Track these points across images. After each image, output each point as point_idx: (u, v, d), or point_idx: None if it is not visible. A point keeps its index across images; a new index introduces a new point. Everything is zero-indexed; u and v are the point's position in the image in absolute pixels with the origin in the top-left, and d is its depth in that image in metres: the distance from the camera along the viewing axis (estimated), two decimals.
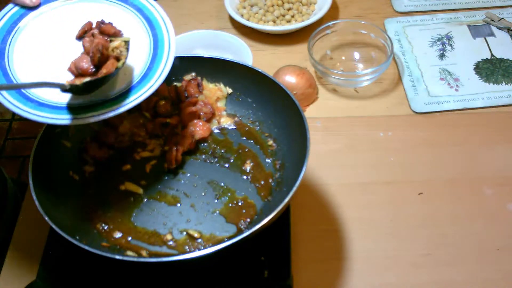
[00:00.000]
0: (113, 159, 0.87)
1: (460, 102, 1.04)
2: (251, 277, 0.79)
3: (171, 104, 0.89)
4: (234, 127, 0.90)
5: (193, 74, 0.92)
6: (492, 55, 1.12)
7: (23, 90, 0.74)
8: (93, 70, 0.73)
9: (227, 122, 0.90)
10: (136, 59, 0.78)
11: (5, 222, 0.99)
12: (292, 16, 1.20)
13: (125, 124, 0.89)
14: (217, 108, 0.91)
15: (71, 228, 0.74)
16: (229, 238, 0.76)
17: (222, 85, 0.91)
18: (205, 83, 0.91)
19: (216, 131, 0.90)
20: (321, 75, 1.09)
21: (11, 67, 0.76)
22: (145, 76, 0.76)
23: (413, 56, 1.13)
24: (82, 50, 0.76)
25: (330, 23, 1.11)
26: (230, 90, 0.91)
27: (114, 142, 0.88)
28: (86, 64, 0.73)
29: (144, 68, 0.77)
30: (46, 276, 0.81)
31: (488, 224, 0.88)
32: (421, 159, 0.97)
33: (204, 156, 0.87)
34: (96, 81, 0.71)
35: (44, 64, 0.77)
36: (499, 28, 1.17)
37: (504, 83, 1.07)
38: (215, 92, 0.91)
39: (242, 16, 1.19)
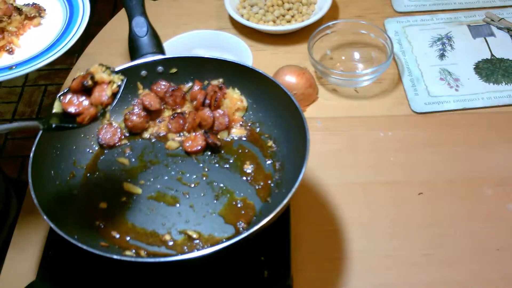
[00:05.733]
0: (113, 158, 0.87)
1: (460, 102, 1.04)
2: (251, 277, 0.79)
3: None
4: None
5: (221, 80, 0.91)
6: (492, 55, 1.12)
7: None
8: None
9: (237, 134, 0.89)
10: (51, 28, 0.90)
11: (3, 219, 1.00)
12: (292, 16, 1.20)
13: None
14: (234, 120, 0.90)
15: (70, 228, 0.74)
16: (228, 239, 0.75)
17: (243, 96, 0.91)
18: (229, 91, 0.90)
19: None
20: (321, 75, 1.09)
21: None
22: (55, 43, 0.87)
23: (413, 56, 1.13)
24: None
25: (330, 23, 1.11)
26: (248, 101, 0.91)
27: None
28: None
29: (57, 36, 0.88)
30: (46, 276, 0.81)
31: (488, 224, 0.88)
32: (421, 159, 0.96)
33: (203, 156, 0.87)
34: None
35: None
36: (499, 28, 1.17)
37: (504, 83, 1.07)
38: (235, 102, 0.90)
39: (242, 16, 1.19)
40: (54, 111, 0.73)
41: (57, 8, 0.94)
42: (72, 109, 0.72)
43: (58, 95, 0.73)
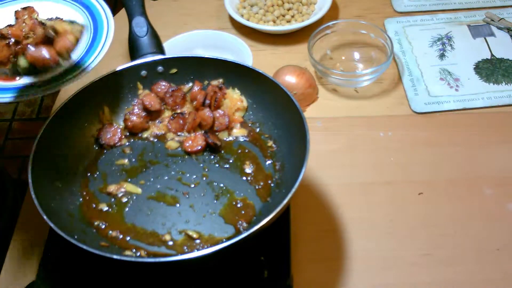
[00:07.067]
0: (113, 158, 0.87)
1: (460, 102, 1.04)
2: (251, 277, 0.79)
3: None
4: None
5: (221, 80, 0.91)
6: (492, 55, 1.12)
7: None
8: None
9: (238, 134, 0.89)
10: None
11: (5, 219, 0.99)
12: (292, 16, 1.20)
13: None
14: (234, 120, 0.89)
15: (70, 228, 0.74)
16: (228, 239, 0.75)
17: (243, 96, 0.91)
18: (229, 91, 0.90)
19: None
20: (321, 75, 1.09)
21: None
22: (83, 58, 0.82)
23: (413, 56, 1.13)
24: None
25: (330, 23, 1.11)
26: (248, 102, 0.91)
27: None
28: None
29: (83, 51, 0.83)
30: (46, 276, 0.81)
31: (488, 224, 0.88)
32: (421, 159, 0.97)
33: (203, 156, 0.87)
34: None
35: None
36: (499, 28, 1.17)
37: (504, 83, 1.07)
38: (235, 102, 0.90)
39: (242, 16, 1.19)
40: (22, 66, 0.76)
41: (79, 21, 0.91)
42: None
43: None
